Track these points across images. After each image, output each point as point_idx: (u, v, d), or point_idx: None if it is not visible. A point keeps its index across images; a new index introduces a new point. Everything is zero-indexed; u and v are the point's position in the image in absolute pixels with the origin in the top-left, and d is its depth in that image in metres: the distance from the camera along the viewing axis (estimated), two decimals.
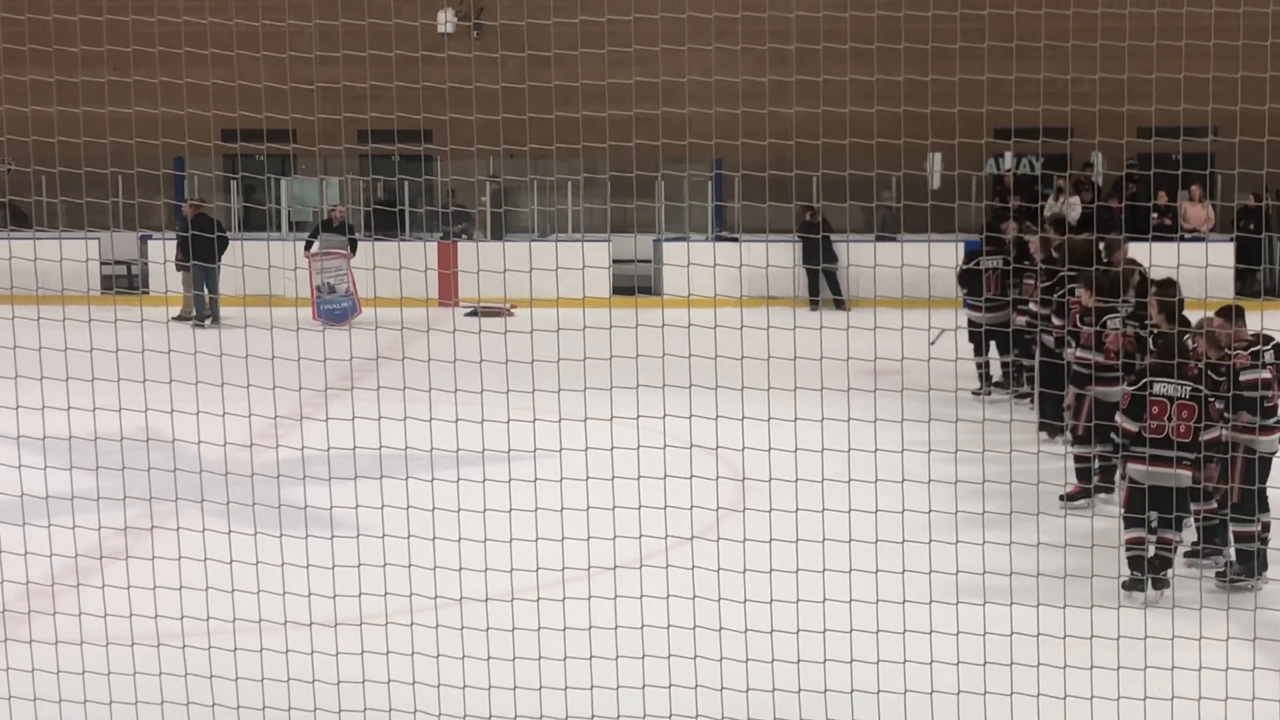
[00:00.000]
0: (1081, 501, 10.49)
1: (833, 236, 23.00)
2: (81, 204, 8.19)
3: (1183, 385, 8.46)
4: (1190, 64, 7.63)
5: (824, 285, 22.87)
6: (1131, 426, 8.57)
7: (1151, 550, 8.67)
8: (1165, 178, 21.21)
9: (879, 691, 6.59)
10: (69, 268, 8.41)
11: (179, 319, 20.41)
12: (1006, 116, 8.51)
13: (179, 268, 21.75)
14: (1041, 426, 12.08)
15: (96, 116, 8.65)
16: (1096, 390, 10.34)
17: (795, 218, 23.13)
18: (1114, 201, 22.55)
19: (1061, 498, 10.38)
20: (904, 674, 6.61)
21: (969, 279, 14.91)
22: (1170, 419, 8.44)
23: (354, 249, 22.42)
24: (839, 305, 22.30)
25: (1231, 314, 8.99)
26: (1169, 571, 8.65)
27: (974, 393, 14.53)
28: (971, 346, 14.98)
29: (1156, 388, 8.51)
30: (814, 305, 21.95)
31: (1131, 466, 8.66)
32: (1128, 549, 8.56)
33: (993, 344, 14.91)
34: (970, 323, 14.92)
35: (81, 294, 8.27)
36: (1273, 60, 8.16)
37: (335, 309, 22.02)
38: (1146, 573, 8.52)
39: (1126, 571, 8.54)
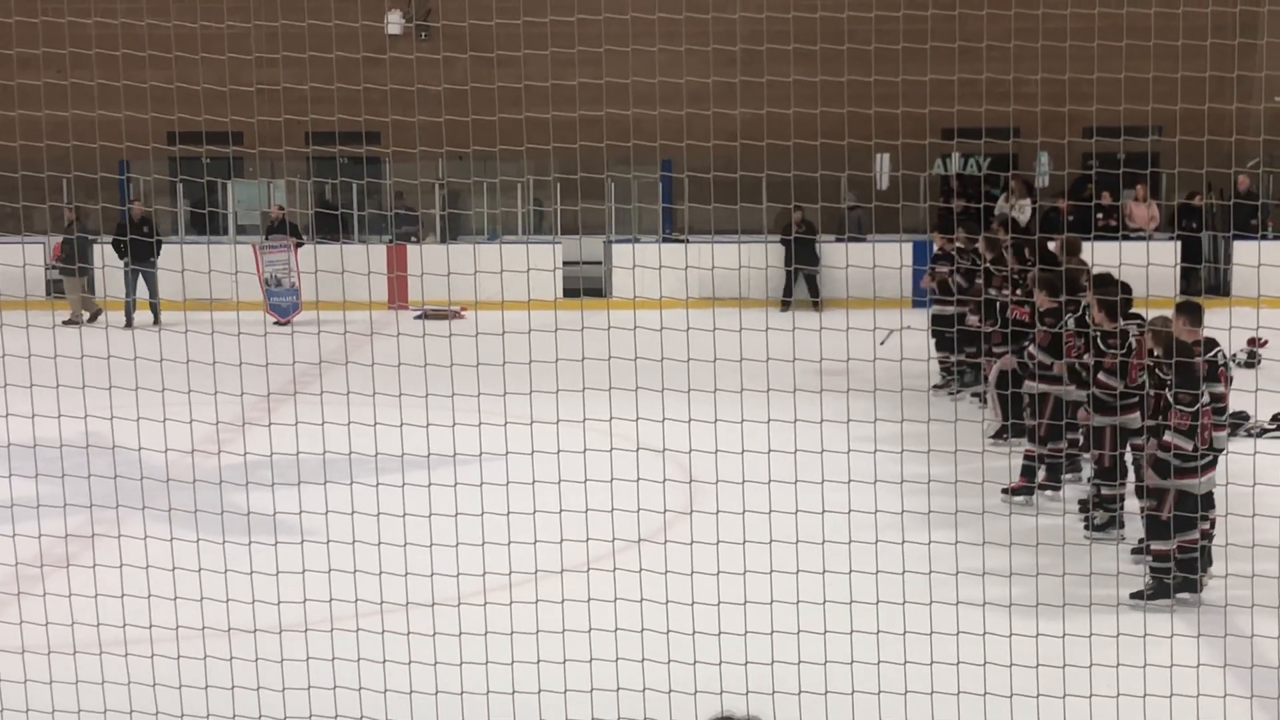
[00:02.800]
0: (1021, 498, 10.57)
1: (816, 238, 23.04)
2: (18, 208, 8.08)
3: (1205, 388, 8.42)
4: (1131, 64, 7.68)
5: (802, 287, 22.89)
6: (1186, 445, 8.41)
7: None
8: (1110, 177, 21.40)
9: (826, 693, 6.59)
10: (7, 273, 8.30)
11: (69, 324, 20.29)
12: (950, 117, 8.55)
13: (63, 271, 21.73)
14: (1001, 430, 12.11)
15: (33, 120, 8.55)
16: (1055, 390, 10.40)
17: (777, 219, 23.12)
18: (1061, 202, 22.72)
19: (1005, 490, 10.44)
20: (851, 674, 6.62)
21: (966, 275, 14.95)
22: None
23: (301, 244, 22.38)
24: (815, 306, 22.26)
25: (1192, 312, 8.96)
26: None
27: (935, 388, 14.67)
28: (935, 344, 15.11)
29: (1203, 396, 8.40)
30: (785, 306, 21.98)
31: (1188, 482, 8.48)
32: (1182, 552, 8.53)
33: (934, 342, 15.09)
34: (936, 319, 14.97)
35: (19, 299, 8.16)
36: (1213, 60, 8.23)
37: (281, 304, 21.95)
38: (1197, 570, 8.53)
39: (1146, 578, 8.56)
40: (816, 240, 23.05)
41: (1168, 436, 8.37)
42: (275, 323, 20.62)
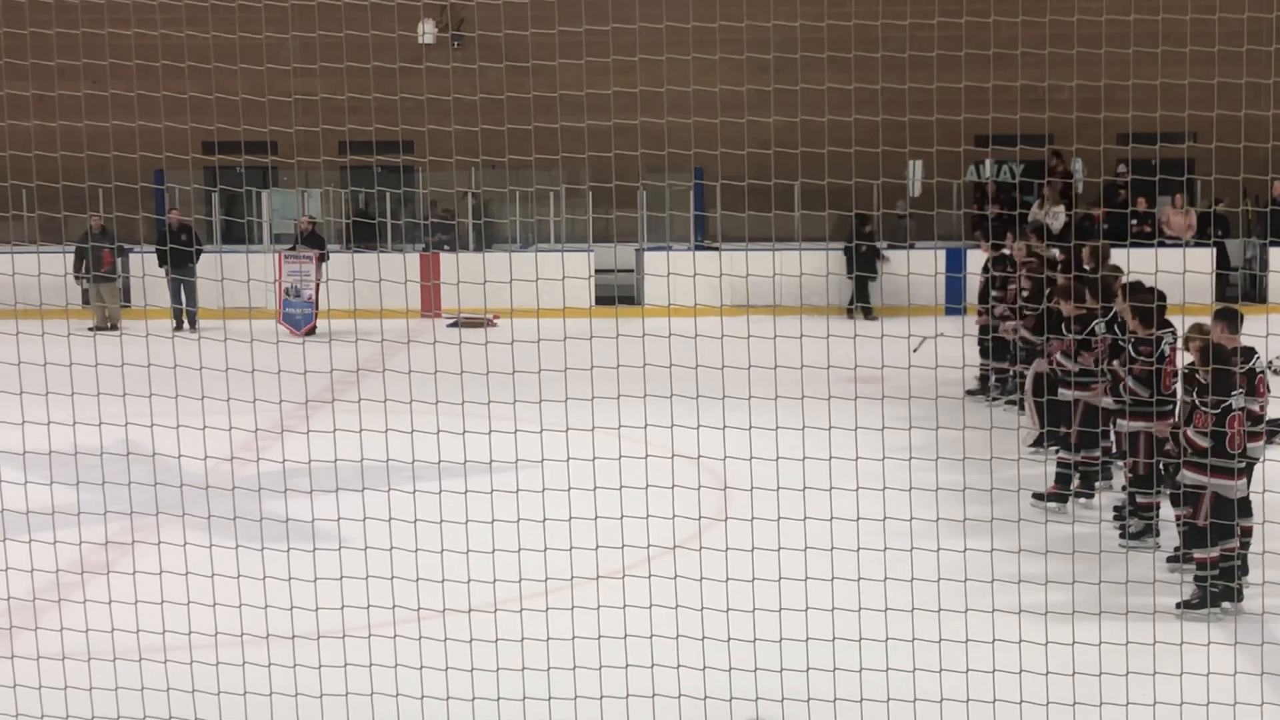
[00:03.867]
0: (1055, 505, 10.54)
1: (880, 246, 22.96)
2: (60, 218, 8.15)
3: (1238, 395, 8.39)
4: (1167, 70, 7.67)
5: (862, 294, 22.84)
6: (1203, 443, 8.30)
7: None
8: (1145, 184, 21.31)
9: (861, 700, 6.59)
10: (47, 282, 8.37)
11: (95, 329, 20.53)
12: (985, 124, 8.54)
13: (98, 279, 21.91)
14: (1040, 438, 12.07)
15: (74, 130, 8.64)
16: (1087, 396, 10.37)
17: (837, 227, 22.95)
18: (1096, 209, 22.64)
19: (1036, 496, 10.41)
20: (886, 681, 6.61)
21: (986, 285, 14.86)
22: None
23: (325, 258, 22.40)
24: (867, 315, 22.15)
25: (1230, 318, 8.90)
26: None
27: (969, 393, 14.62)
28: (980, 350, 15.02)
29: (1235, 401, 8.36)
30: (850, 314, 21.95)
31: (1225, 483, 8.41)
32: (1223, 559, 8.49)
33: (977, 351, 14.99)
34: (988, 329, 14.88)
35: (59, 308, 8.23)
36: (1249, 65, 8.20)
37: (296, 315, 21.93)
38: (1236, 579, 8.50)
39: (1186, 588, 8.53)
40: (881, 247, 22.85)
41: (1188, 432, 8.38)
42: (292, 334, 20.64)
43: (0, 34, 8.90)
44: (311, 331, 21.21)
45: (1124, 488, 10.55)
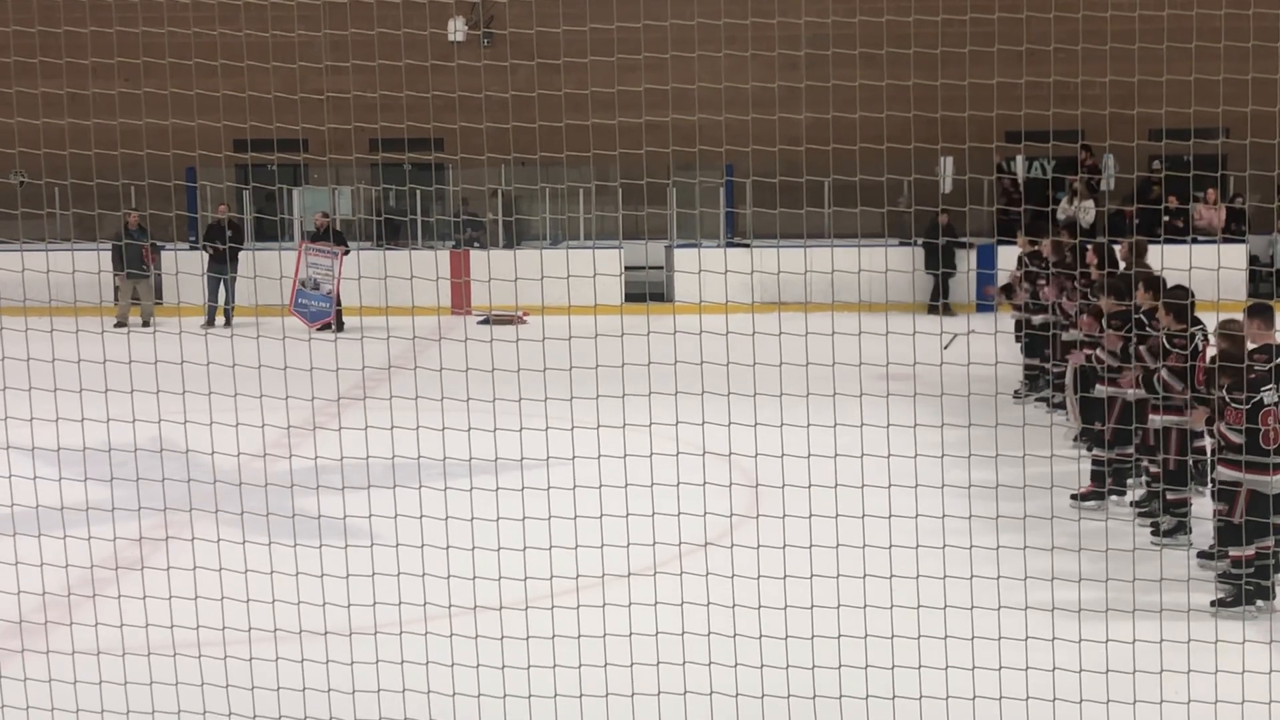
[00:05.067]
0: (1092, 503, 10.51)
1: (965, 240, 22.83)
2: (94, 215, 8.20)
3: (1270, 390, 8.31)
4: (1200, 66, 7.62)
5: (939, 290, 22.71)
6: (1237, 438, 8.23)
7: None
8: (1178, 180, 21.20)
9: (894, 697, 6.58)
10: (81, 279, 8.42)
11: (119, 326, 20.66)
12: (1017, 120, 8.50)
13: (132, 275, 22.01)
14: (1082, 433, 12.04)
15: (108, 128, 8.68)
16: (1110, 390, 10.33)
17: (916, 221, 22.80)
18: (1128, 207, 22.54)
19: (1074, 496, 10.38)
20: (918, 679, 6.60)
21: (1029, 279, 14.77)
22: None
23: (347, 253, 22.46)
24: (947, 310, 21.96)
25: (1264, 314, 8.82)
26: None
27: (1015, 395, 14.58)
28: (1022, 348, 14.94)
29: (1268, 396, 8.30)
30: (932, 310, 21.85)
31: (1261, 479, 8.32)
32: (1258, 558, 8.44)
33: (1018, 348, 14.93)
34: (1026, 325, 14.81)
35: (94, 304, 8.28)
36: None
37: (311, 307, 21.85)
38: (1272, 577, 8.44)
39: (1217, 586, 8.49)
40: (965, 243, 22.63)
41: (1221, 427, 8.34)
42: (306, 327, 20.63)
43: (36, 33, 8.95)
44: (326, 327, 21.23)
45: (1148, 483, 10.50)
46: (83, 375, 7.31)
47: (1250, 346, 8.59)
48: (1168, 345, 9.43)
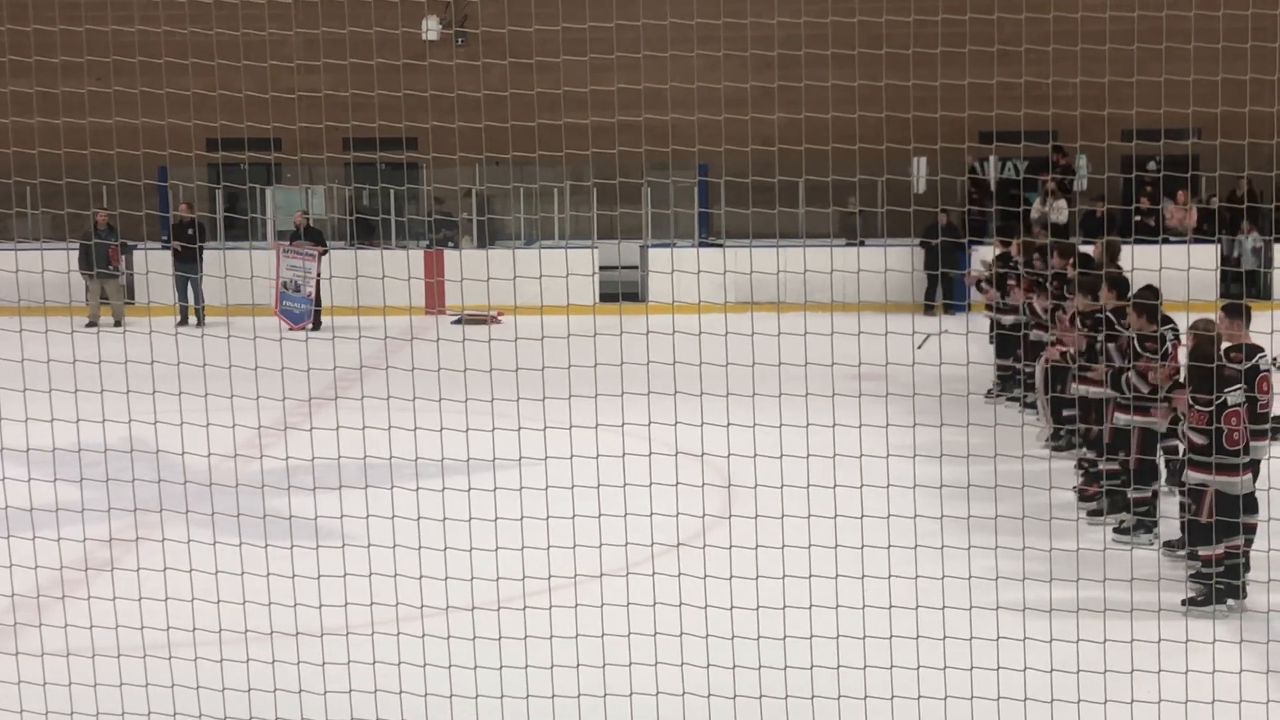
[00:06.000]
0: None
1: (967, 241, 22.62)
2: (64, 214, 8.16)
3: (1236, 391, 8.33)
4: (1171, 67, 7.66)
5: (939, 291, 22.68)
6: (1201, 439, 8.30)
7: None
8: (1148, 180, 21.30)
9: (865, 697, 6.59)
10: (49, 278, 8.37)
11: (90, 325, 20.57)
12: (989, 120, 8.53)
13: (101, 275, 21.93)
14: (1055, 433, 12.07)
15: (78, 127, 8.63)
16: (1094, 392, 10.33)
17: (918, 222, 22.71)
18: (1100, 206, 22.62)
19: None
20: (890, 679, 6.61)
21: (999, 281, 14.78)
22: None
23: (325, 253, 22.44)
24: (947, 310, 21.94)
25: (1236, 312, 8.84)
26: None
27: (987, 395, 14.60)
28: (996, 349, 14.97)
29: (1232, 397, 8.31)
30: (929, 309, 21.81)
31: (1227, 479, 8.33)
32: (1228, 557, 8.46)
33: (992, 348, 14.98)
34: (997, 325, 14.82)
35: (63, 304, 8.23)
36: (1254, 62, 8.19)
37: (295, 310, 21.94)
38: (1242, 576, 8.46)
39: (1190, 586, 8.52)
40: (964, 243, 22.49)
41: (1186, 429, 8.37)
42: (290, 329, 20.67)
43: (4, 31, 8.89)
44: (314, 326, 21.27)
45: (1100, 481, 10.36)
46: (52, 375, 7.27)
47: (1225, 345, 8.62)
48: (1138, 347, 9.47)
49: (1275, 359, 8.73)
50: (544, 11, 8.73)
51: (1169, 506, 9.79)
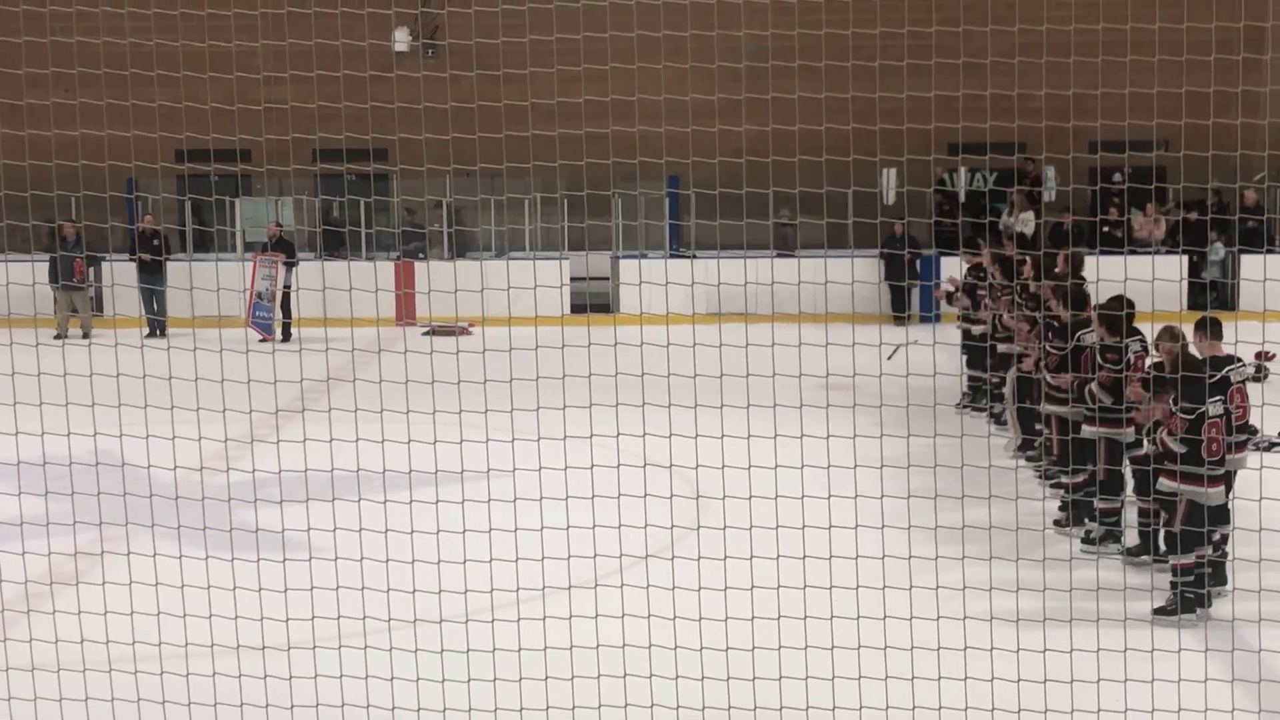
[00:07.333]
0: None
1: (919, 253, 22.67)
2: (29, 227, 8.11)
3: (1216, 402, 8.36)
4: (1136, 79, 7.70)
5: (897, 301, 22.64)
6: (1178, 448, 8.33)
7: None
8: (1115, 191, 21.41)
9: (834, 708, 6.60)
10: (15, 291, 8.33)
11: (59, 337, 20.52)
12: (956, 132, 8.56)
13: (67, 288, 21.86)
14: (1024, 444, 12.11)
15: (43, 139, 8.59)
16: (1062, 410, 10.34)
17: (880, 232, 22.74)
18: (1067, 217, 22.73)
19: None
20: (858, 690, 6.62)
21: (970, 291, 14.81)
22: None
23: (293, 264, 22.38)
24: (899, 320, 21.97)
25: (1206, 328, 8.87)
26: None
27: (957, 406, 14.61)
28: (966, 360, 15.00)
29: (1213, 408, 8.32)
30: (898, 320, 21.81)
31: (1199, 490, 8.29)
32: (1197, 566, 8.47)
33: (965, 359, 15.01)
34: (966, 336, 14.86)
35: (29, 317, 8.19)
36: (1218, 75, 8.25)
37: (267, 320, 21.97)
38: (1208, 586, 8.48)
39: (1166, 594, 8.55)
40: (919, 254, 22.50)
41: (1163, 435, 8.39)
42: (260, 340, 20.66)
43: None
44: (284, 338, 21.24)
45: (1064, 492, 10.41)
46: (16, 388, 7.22)
47: (1200, 359, 8.65)
48: (1101, 359, 9.50)
49: (1262, 367, 8.74)
50: (512, 23, 8.73)
51: (1133, 515, 9.82)
